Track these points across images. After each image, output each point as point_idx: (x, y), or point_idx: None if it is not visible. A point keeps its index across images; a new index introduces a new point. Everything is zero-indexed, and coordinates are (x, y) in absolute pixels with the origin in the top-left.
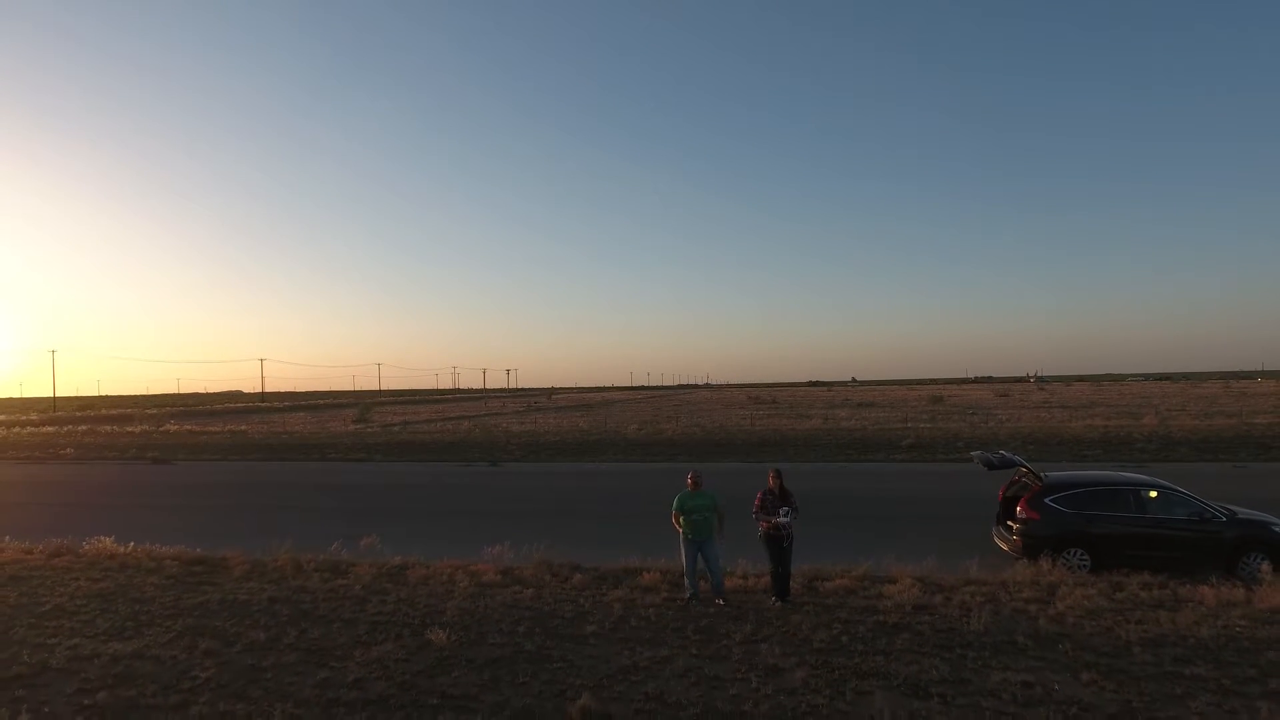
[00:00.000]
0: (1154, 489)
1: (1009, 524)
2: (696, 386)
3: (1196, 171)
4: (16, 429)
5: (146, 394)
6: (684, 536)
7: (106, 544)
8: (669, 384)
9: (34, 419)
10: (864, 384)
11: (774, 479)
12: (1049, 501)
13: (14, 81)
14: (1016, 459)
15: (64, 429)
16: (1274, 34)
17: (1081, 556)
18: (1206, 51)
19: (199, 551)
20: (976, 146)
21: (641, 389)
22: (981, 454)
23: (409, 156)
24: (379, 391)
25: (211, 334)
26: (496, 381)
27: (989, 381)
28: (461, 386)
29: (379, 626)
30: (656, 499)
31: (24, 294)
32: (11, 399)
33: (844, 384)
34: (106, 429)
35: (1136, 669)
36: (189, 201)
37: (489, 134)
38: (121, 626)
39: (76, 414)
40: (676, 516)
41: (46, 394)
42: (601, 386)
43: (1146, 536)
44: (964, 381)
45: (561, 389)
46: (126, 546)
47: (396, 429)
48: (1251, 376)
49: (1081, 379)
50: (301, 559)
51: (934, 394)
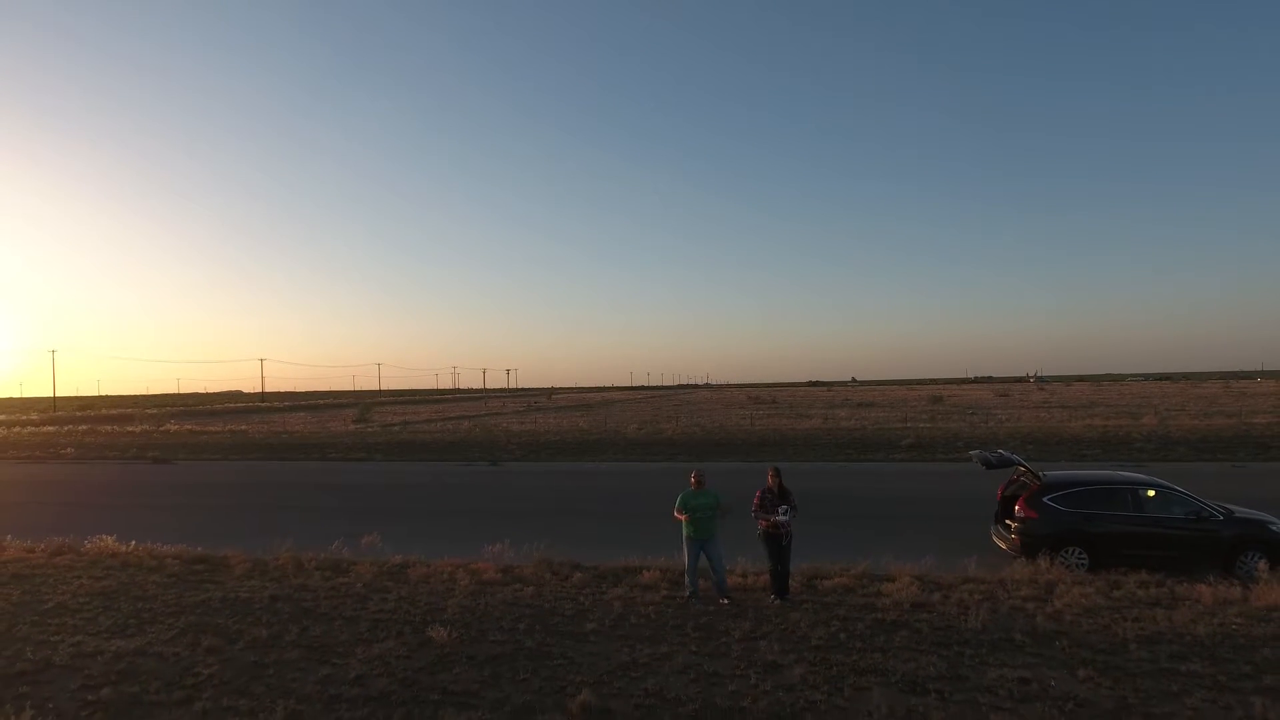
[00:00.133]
0: (1152, 488)
1: (1007, 523)
2: (696, 386)
3: (1196, 171)
4: (17, 429)
5: (146, 394)
6: (687, 535)
7: (108, 543)
8: (669, 384)
9: (34, 419)
10: (864, 384)
11: (773, 477)
12: (1047, 500)
13: (14, 81)
14: (1015, 458)
15: (64, 429)
16: (1274, 34)
17: (1079, 555)
18: (1206, 51)
19: (200, 550)
20: (976, 146)
21: (641, 389)
22: (980, 453)
23: (409, 156)
24: (379, 391)
25: (211, 334)
26: (496, 381)
27: (989, 381)
28: (461, 386)
29: (380, 624)
30: (656, 499)
31: (24, 294)
32: (11, 399)
33: (844, 384)
34: (107, 429)
35: (1133, 665)
36: (189, 201)
37: (489, 134)
38: (124, 624)
39: (77, 414)
40: (680, 512)
41: (46, 394)
42: (601, 386)
43: (1144, 535)
44: (964, 381)
45: (561, 389)
46: (128, 545)
47: (397, 429)
48: (1251, 376)
49: (1081, 379)
50: (303, 558)
51: (934, 394)
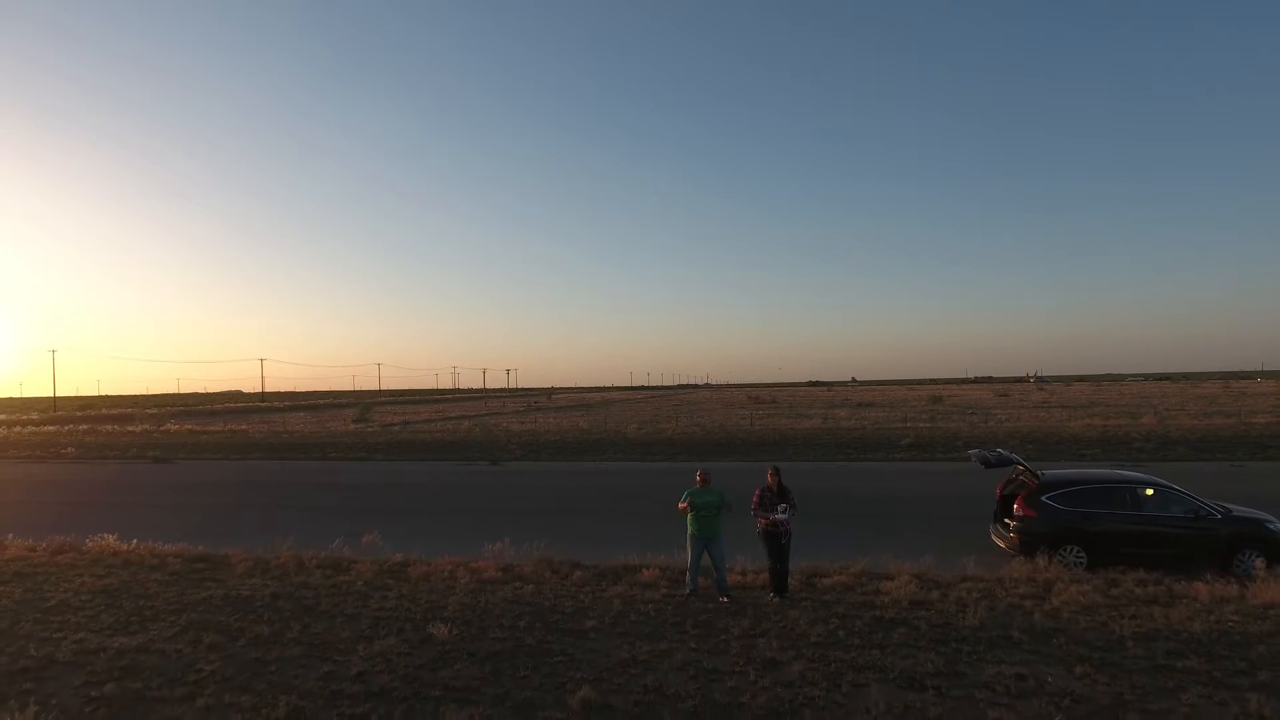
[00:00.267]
0: (1150, 487)
1: (1006, 521)
2: (696, 386)
3: (1196, 171)
4: (17, 428)
5: (146, 394)
6: (691, 533)
7: (109, 541)
8: (669, 384)
9: (34, 419)
10: (864, 384)
11: (772, 476)
12: (1046, 499)
13: (14, 81)
14: (1013, 457)
15: (65, 428)
16: (1274, 34)
17: (1078, 554)
18: (1206, 51)
19: (201, 549)
20: (976, 146)
21: (641, 389)
22: (979, 452)
23: (409, 156)
24: (379, 391)
25: (211, 334)
26: (496, 381)
27: (989, 381)
28: (461, 386)
29: (381, 621)
30: (656, 498)
31: (24, 294)
32: (12, 399)
33: (844, 384)
34: (107, 428)
35: (1129, 662)
36: (189, 201)
37: (489, 134)
38: (126, 621)
39: (77, 414)
40: (685, 508)
41: (47, 394)
42: (601, 386)
43: (1142, 534)
44: (964, 381)
45: (561, 389)
46: (129, 544)
47: (397, 428)
48: (1251, 377)
49: (1081, 379)
50: (303, 556)
51: (934, 394)
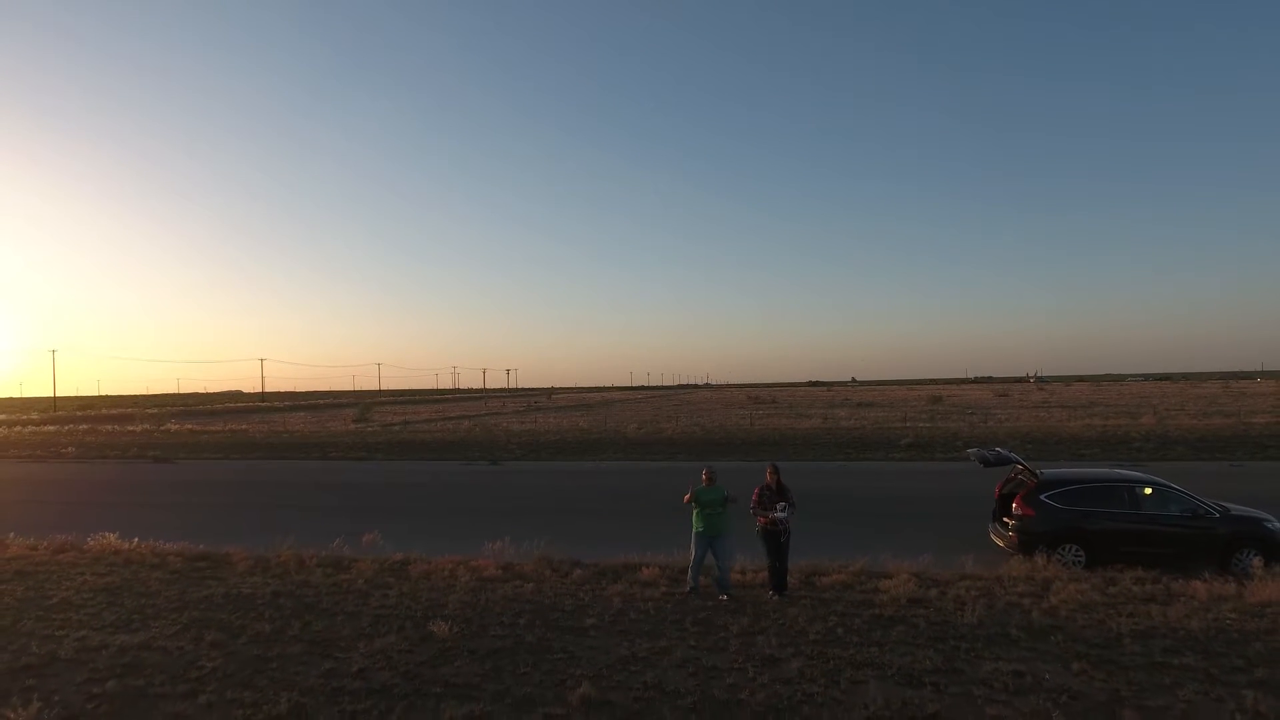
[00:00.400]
0: (1148, 486)
1: (1005, 520)
2: (696, 386)
3: (1196, 171)
4: (17, 428)
5: (146, 394)
6: (696, 531)
7: (110, 540)
8: (669, 384)
9: (35, 418)
10: (864, 384)
11: (771, 475)
12: (1044, 498)
13: (14, 81)
14: (1012, 456)
15: (65, 428)
16: (1274, 34)
17: (1076, 552)
18: (1206, 51)
19: (202, 548)
20: (976, 146)
21: (641, 389)
22: (978, 451)
23: (409, 156)
24: (379, 391)
25: (211, 334)
26: (496, 381)
27: (989, 381)
28: (461, 386)
29: (382, 619)
30: (656, 497)
31: (24, 294)
32: (12, 399)
33: (844, 384)
34: (107, 428)
35: (1126, 659)
36: (189, 201)
37: (489, 134)
38: (128, 619)
39: (77, 413)
40: (690, 500)
41: (47, 394)
42: (601, 386)
43: (1141, 533)
44: (964, 382)
45: (561, 389)
46: (130, 543)
47: (397, 428)
48: (1251, 377)
49: (1081, 379)
50: (304, 555)
51: (933, 394)
